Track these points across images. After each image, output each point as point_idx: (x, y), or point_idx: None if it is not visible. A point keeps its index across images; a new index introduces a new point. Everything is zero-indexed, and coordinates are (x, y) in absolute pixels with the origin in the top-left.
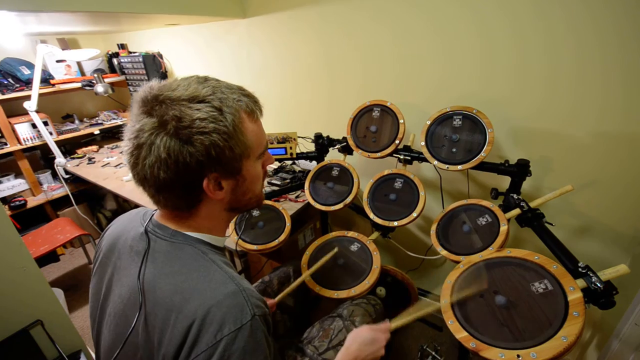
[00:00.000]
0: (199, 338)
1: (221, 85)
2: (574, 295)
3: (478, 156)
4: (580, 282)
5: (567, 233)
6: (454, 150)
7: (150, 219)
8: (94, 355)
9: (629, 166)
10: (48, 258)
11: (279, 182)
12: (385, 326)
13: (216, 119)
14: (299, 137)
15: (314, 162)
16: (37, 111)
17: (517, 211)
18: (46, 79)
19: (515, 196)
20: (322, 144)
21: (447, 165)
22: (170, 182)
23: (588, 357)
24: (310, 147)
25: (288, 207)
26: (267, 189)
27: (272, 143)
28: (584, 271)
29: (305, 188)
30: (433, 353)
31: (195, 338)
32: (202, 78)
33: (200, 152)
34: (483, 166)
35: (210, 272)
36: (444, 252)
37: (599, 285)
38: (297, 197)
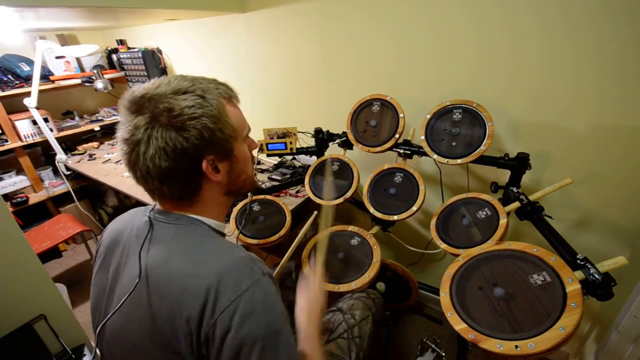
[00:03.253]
0: (218, 296)
1: (198, 78)
2: (572, 286)
3: (478, 150)
4: (579, 274)
5: (566, 226)
6: (453, 144)
7: (153, 209)
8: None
9: (628, 158)
10: (50, 254)
11: (279, 177)
12: (312, 277)
13: (202, 105)
14: (299, 132)
15: (314, 157)
16: (37, 108)
17: (516, 204)
18: (46, 76)
19: (514, 189)
20: (322, 138)
21: (447, 159)
22: (172, 170)
23: (587, 349)
24: (310, 141)
25: (288, 202)
26: (268, 184)
27: (272, 138)
28: (582, 263)
29: (305, 183)
30: (433, 346)
31: (215, 297)
32: (179, 76)
33: (195, 136)
34: (483, 160)
35: (218, 242)
36: (443, 246)
37: (597, 276)
38: (297, 192)
